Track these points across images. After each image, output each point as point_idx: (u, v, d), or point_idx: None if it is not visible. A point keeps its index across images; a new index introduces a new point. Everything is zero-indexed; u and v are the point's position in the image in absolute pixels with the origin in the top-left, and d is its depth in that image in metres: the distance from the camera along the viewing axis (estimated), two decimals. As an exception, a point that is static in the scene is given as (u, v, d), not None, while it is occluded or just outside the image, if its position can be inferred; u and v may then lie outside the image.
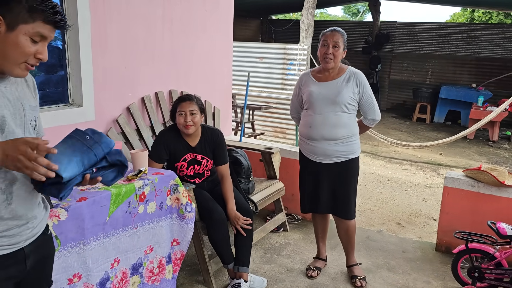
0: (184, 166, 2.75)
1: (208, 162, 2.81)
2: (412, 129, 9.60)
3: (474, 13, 18.07)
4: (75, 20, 2.68)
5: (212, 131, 2.83)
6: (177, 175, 2.62)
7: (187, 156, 2.74)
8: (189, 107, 2.65)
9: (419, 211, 4.58)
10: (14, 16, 1.17)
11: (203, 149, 2.78)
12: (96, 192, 1.99)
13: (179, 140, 2.74)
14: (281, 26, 13.17)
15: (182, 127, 2.67)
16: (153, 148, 2.74)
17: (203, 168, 2.80)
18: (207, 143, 2.79)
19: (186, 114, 2.64)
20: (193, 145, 2.75)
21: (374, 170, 6.26)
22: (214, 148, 2.80)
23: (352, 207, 2.83)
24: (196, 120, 2.66)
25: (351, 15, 28.18)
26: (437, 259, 3.30)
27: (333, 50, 2.63)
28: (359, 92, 2.68)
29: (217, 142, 2.80)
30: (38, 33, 1.21)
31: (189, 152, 2.74)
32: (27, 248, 1.33)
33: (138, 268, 2.22)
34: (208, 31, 3.86)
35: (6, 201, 1.24)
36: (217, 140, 2.80)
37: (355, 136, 2.73)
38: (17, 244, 1.29)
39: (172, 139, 2.72)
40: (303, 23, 7.28)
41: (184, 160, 2.74)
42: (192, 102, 2.67)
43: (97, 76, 2.87)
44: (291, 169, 3.85)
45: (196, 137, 2.77)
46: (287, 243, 3.50)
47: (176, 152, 2.73)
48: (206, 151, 2.78)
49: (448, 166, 6.62)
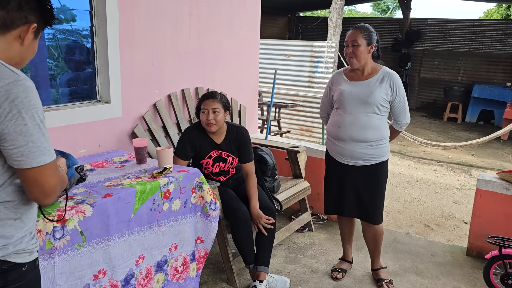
0: (209, 163, 2.74)
1: (233, 160, 2.79)
2: (443, 128, 9.35)
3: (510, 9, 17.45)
4: (103, 18, 2.71)
5: (237, 129, 2.81)
6: (202, 172, 2.62)
7: (213, 153, 2.73)
8: (212, 105, 2.63)
9: (449, 214, 4.44)
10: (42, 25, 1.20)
11: (228, 146, 2.76)
12: (121, 189, 2.00)
13: (205, 137, 2.73)
14: (309, 24, 13.04)
15: (205, 125, 2.66)
16: (179, 145, 2.74)
17: (228, 165, 2.79)
18: (232, 141, 2.77)
19: (208, 112, 2.63)
20: (218, 142, 2.74)
21: (403, 170, 6.12)
22: (239, 145, 2.78)
23: (379, 212, 2.75)
24: (219, 118, 2.64)
25: (380, 12, 27.66)
26: (468, 264, 3.19)
27: (353, 49, 2.54)
28: (392, 94, 2.58)
29: (242, 140, 2.78)
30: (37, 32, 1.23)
31: (214, 149, 2.73)
32: None
33: (162, 266, 2.22)
34: (235, 28, 3.84)
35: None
36: (242, 138, 2.79)
37: (385, 140, 2.65)
38: None
39: (198, 136, 2.72)
40: (331, 20, 7.18)
41: (210, 157, 2.74)
42: (215, 100, 2.65)
43: (125, 73, 2.89)
44: (317, 168, 3.79)
45: (221, 134, 2.75)
46: (312, 243, 3.45)
47: (201, 149, 2.72)
48: (231, 148, 2.77)
49: (480, 168, 6.41)
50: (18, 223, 1.16)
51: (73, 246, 1.76)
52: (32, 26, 1.16)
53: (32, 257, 1.21)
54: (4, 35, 1.13)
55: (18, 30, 1.15)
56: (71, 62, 2.75)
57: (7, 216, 1.13)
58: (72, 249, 1.76)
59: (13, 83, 1.04)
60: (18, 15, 1.13)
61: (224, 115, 2.69)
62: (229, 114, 2.77)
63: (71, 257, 1.76)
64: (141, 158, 2.45)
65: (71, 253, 1.76)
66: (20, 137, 1.05)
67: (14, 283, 1.15)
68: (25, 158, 1.07)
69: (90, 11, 2.70)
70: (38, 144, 1.08)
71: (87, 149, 2.72)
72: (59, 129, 2.53)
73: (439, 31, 11.39)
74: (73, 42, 2.75)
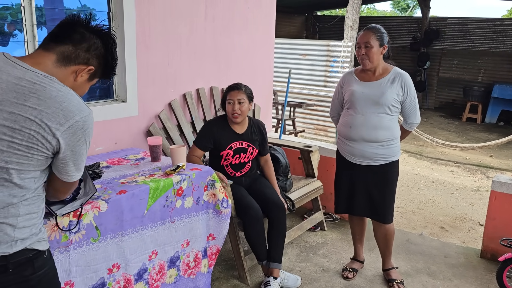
0: (230, 154, 2.79)
1: (253, 150, 2.86)
2: (461, 129, 9.21)
3: (533, 8, 17.04)
4: (120, 19, 2.78)
5: (258, 121, 2.97)
6: (222, 164, 2.73)
7: (234, 144, 2.79)
8: (238, 96, 2.72)
9: (465, 215, 4.40)
10: (98, 74, 1.37)
11: (250, 136, 2.85)
12: (135, 185, 2.06)
13: (227, 128, 2.80)
14: (326, 23, 12.98)
15: (231, 115, 2.74)
16: (200, 135, 2.82)
17: (249, 155, 2.84)
18: (253, 132, 2.87)
19: (234, 103, 2.71)
20: (240, 133, 2.82)
21: (418, 171, 6.07)
22: (261, 137, 2.92)
23: (390, 211, 2.76)
24: (244, 108, 2.74)
25: (400, 11, 27.32)
26: (482, 267, 3.16)
27: (365, 50, 2.55)
28: (403, 94, 2.58)
29: (264, 130, 2.95)
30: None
31: (236, 140, 2.79)
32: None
33: (175, 261, 2.27)
34: (249, 28, 3.88)
35: None
36: (264, 129, 2.95)
37: (396, 140, 2.65)
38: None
39: (220, 127, 2.80)
40: (348, 19, 7.16)
41: (230, 148, 2.78)
42: (240, 91, 2.74)
43: (141, 72, 2.96)
44: (330, 168, 3.80)
45: (243, 125, 2.84)
46: (324, 243, 3.47)
47: (222, 140, 2.78)
48: (252, 138, 2.86)
49: (499, 169, 6.30)
50: (38, 215, 1.29)
51: (88, 240, 1.82)
52: (89, 68, 1.31)
53: (47, 245, 1.32)
54: (65, 67, 1.27)
55: (76, 67, 1.29)
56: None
57: (33, 210, 1.26)
58: (87, 243, 1.82)
59: (87, 116, 1.25)
60: (83, 55, 1.29)
61: (249, 106, 2.77)
62: (252, 105, 2.84)
63: (86, 251, 1.83)
64: (155, 156, 2.51)
65: (86, 247, 1.82)
66: (76, 157, 1.27)
67: (40, 270, 1.26)
68: (72, 173, 1.30)
69: (108, 12, 2.77)
70: (81, 164, 1.31)
71: (104, 147, 2.79)
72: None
73: (459, 30, 11.22)
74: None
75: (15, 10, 2.41)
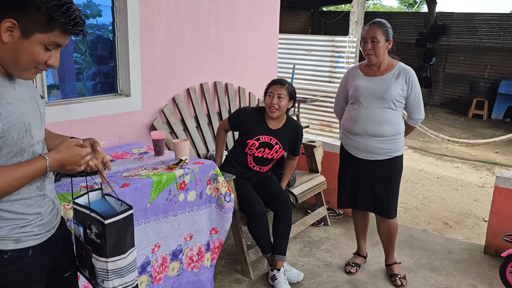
0: (255, 145, 2.77)
1: (279, 149, 2.84)
2: (467, 125, 9.16)
3: (541, 3, 16.87)
4: (124, 13, 2.79)
5: (296, 122, 2.94)
6: (245, 152, 2.75)
7: (262, 137, 2.78)
8: (278, 90, 2.72)
9: (469, 211, 4.38)
10: (30, 24, 1.12)
11: (282, 135, 2.83)
12: (138, 179, 2.08)
13: (261, 120, 2.81)
14: (332, 18, 12.92)
15: (268, 108, 2.75)
16: (233, 113, 2.94)
17: (273, 153, 2.82)
18: (287, 131, 2.85)
19: (274, 96, 2.72)
20: (274, 128, 2.82)
21: (423, 167, 6.05)
22: (295, 139, 2.89)
23: (394, 206, 2.76)
24: (282, 104, 2.73)
25: (407, 6, 27.14)
26: (485, 262, 3.15)
27: (371, 45, 2.55)
28: (407, 89, 2.58)
29: (299, 134, 2.92)
30: (54, 42, 1.17)
31: (266, 134, 2.79)
32: (57, 232, 1.39)
33: (178, 255, 2.29)
34: (253, 24, 3.88)
35: (42, 196, 1.31)
36: (300, 132, 2.92)
37: (400, 135, 2.65)
38: (49, 231, 1.35)
39: (253, 116, 2.82)
40: (353, 14, 7.13)
41: (258, 140, 2.78)
42: (283, 86, 2.75)
43: (145, 67, 2.97)
44: (334, 163, 3.80)
45: (279, 122, 2.83)
46: (327, 238, 3.48)
47: (254, 129, 2.78)
48: (283, 138, 2.83)
49: (505, 166, 6.27)
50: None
51: (91, 232, 1.84)
52: (4, 24, 1.11)
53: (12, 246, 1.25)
54: None
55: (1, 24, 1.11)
56: (94, 56, 2.84)
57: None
58: (90, 235, 1.84)
59: None
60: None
61: (288, 103, 2.77)
62: (293, 104, 2.84)
63: (90, 243, 1.84)
64: (159, 150, 2.53)
65: (90, 239, 1.84)
66: None
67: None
68: None
69: (112, 7, 2.78)
70: None
71: (108, 141, 2.81)
72: (83, 121, 2.64)
73: (466, 25, 11.12)
74: (98, 37, 2.84)
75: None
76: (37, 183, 1.29)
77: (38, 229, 1.30)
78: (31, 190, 1.27)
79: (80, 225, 1.37)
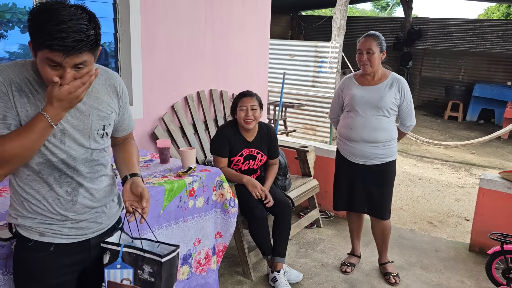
0: (240, 161, 2.90)
1: (262, 157, 2.95)
2: (444, 127, 9.51)
3: (510, 8, 17.57)
4: (127, 25, 2.85)
5: (268, 127, 3.02)
6: (231, 168, 2.83)
7: (244, 151, 2.89)
8: (250, 102, 2.81)
9: (452, 211, 4.60)
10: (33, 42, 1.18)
11: (259, 144, 2.93)
12: (151, 187, 2.16)
13: (237, 135, 2.89)
14: (311, 23, 13.17)
15: (243, 122, 2.82)
16: (216, 144, 2.87)
17: (257, 163, 2.94)
18: (263, 139, 2.95)
19: (247, 109, 2.80)
20: (250, 140, 2.91)
21: (405, 168, 6.28)
22: (270, 142, 2.98)
23: (388, 208, 2.92)
24: (257, 115, 2.83)
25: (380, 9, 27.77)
26: (471, 259, 3.35)
27: (367, 56, 2.70)
28: (400, 98, 2.74)
29: (273, 137, 3.00)
30: (48, 59, 1.17)
31: (246, 147, 2.89)
32: (94, 240, 1.46)
33: (188, 259, 2.38)
34: (246, 32, 3.99)
35: (70, 201, 1.38)
36: (273, 136, 3.00)
37: (393, 141, 2.81)
38: (84, 235, 1.43)
39: (231, 133, 2.89)
40: (336, 21, 7.33)
41: (241, 155, 2.89)
42: (252, 98, 2.84)
43: (146, 76, 3.04)
44: (324, 167, 3.95)
45: (253, 132, 2.92)
46: (321, 239, 3.61)
47: (234, 146, 2.88)
48: (261, 146, 2.94)
49: (481, 166, 6.57)
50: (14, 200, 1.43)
51: (111, 240, 1.91)
52: (30, 45, 1.20)
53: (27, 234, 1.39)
54: None
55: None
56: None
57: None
58: (110, 242, 1.91)
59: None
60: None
61: (260, 113, 2.86)
62: (261, 111, 2.93)
63: (109, 250, 1.91)
64: (164, 158, 2.60)
65: (109, 246, 1.91)
66: None
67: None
68: None
69: (114, 19, 2.85)
70: None
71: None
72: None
73: (441, 30, 11.54)
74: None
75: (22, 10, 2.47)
76: (67, 187, 1.37)
77: (67, 230, 1.40)
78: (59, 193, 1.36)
79: (130, 267, 1.42)
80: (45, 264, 1.38)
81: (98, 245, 1.47)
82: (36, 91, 1.28)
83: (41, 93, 1.28)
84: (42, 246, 1.37)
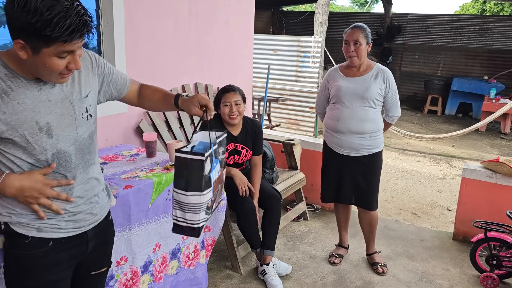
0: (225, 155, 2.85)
1: (247, 152, 2.91)
2: (424, 121, 9.66)
3: (485, 4, 17.95)
4: (110, 16, 2.79)
5: (253, 122, 2.95)
6: None
7: (229, 146, 2.85)
8: (234, 98, 2.75)
9: (434, 202, 4.68)
10: (35, 42, 1.15)
11: (244, 139, 2.89)
12: (139, 180, 2.12)
13: (222, 130, 2.84)
14: (292, 18, 13.19)
15: (228, 118, 2.77)
16: None
17: (242, 158, 2.91)
18: (248, 133, 2.90)
19: (231, 105, 2.74)
20: (235, 135, 2.87)
21: (388, 161, 6.35)
22: (255, 137, 2.91)
23: (375, 198, 2.94)
24: (241, 109, 2.77)
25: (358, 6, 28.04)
26: (455, 248, 3.41)
27: (354, 48, 2.70)
28: (385, 88, 2.76)
29: (258, 132, 2.92)
30: (62, 51, 1.18)
31: (231, 142, 2.85)
32: (90, 232, 1.47)
33: (176, 253, 2.35)
34: (230, 25, 3.95)
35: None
36: (258, 131, 2.93)
37: (380, 131, 2.83)
38: (81, 228, 1.43)
39: (216, 127, 2.82)
40: (318, 15, 7.35)
41: (226, 150, 2.84)
42: (236, 93, 2.78)
43: (130, 69, 2.98)
44: (310, 160, 3.96)
45: (238, 127, 2.87)
46: (308, 232, 3.62)
47: None
48: (246, 141, 2.90)
49: (461, 158, 6.70)
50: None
51: (99, 234, 1.87)
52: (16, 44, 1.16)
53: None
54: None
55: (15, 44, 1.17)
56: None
57: None
58: (98, 237, 1.87)
59: None
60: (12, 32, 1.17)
61: (244, 107, 2.81)
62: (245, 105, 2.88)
63: (98, 244, 1.87)
64: (151, 152, 2.56)
65: (98, 241, 1.87)
66: None
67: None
68: None
69: (97, 10, 2.78)
70: None
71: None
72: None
73: (419, 26, 11.71)
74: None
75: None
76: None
77: (65, 223, 1.38)
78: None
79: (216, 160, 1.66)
80: (43, 260, 1.36)
81: (94, 237, 1.48)
82: (10, 88, 1.22)
83: (16, 90, 1.22)
84: (40, 242, 1.35)
